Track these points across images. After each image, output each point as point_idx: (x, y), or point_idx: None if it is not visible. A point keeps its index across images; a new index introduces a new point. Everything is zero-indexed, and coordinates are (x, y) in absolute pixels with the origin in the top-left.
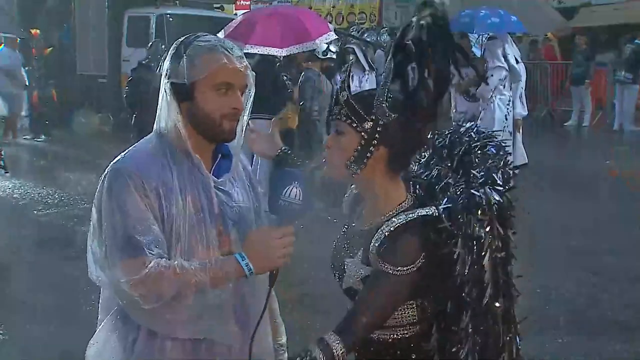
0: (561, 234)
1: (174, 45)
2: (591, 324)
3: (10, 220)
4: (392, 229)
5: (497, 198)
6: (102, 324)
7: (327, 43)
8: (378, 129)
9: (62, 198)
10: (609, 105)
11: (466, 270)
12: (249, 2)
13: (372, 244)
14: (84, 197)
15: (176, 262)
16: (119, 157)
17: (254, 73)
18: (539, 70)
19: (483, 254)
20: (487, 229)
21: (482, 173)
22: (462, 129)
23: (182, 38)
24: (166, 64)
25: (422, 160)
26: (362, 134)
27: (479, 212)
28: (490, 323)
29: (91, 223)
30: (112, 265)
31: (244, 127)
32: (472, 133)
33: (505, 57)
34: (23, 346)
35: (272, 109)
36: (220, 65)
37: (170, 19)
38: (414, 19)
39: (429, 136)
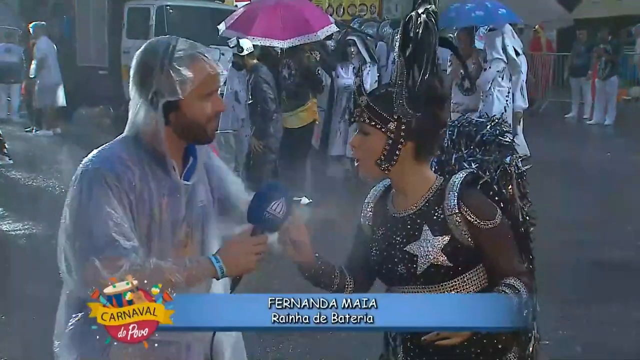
0: (563, 227)
1: (146, 56)
2: (593, 317)
3: (12, 212)
4: (458, 184)
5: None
6: (72, 325)
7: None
8: (402, 127)
9: (62, 191)
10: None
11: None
12: None
13: (445, 209)
14: None
15: (151, 260)
16: (92, 157)
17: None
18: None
19: (510, 190)
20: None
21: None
22: (462, 119)
23: (153, 49)
24: (146, 79)
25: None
26: (388, 134)
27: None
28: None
29: (63, 222)
30: (86, 266)
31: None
32: (474, 121)
33: (504, 49)
34: (25, 338)
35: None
36: (205, 75)
37: (171, 11)
38: (413, 14)
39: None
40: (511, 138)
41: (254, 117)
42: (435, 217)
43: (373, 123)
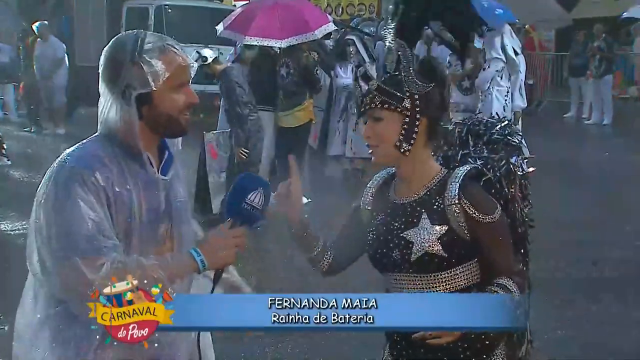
0: (563, 227)
1: (115, 51)
2: (593, 317)
3: (12, 212)
4: (461, 176)
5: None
6: (45, 324)
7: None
8: (417, 102)
9: None
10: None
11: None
12: None
13: (445, 199)
14: None
15: (133, 258)
16: (67, 156)
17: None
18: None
19: (512, 190)
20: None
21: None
22: (473, 119)
23: (121, 43)
24: (116, 73)
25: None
26: (404, 112)
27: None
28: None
29: (36, 223)
30: (65, 266)
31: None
32: (484, 120)
33: (503, 48)
34: None
35: (274, 101)
36: (176, 66)
37: (169, 10)
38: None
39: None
40: (520, 139)
41: (231, 122)
42: (435, 207)
43: (387, 105)
